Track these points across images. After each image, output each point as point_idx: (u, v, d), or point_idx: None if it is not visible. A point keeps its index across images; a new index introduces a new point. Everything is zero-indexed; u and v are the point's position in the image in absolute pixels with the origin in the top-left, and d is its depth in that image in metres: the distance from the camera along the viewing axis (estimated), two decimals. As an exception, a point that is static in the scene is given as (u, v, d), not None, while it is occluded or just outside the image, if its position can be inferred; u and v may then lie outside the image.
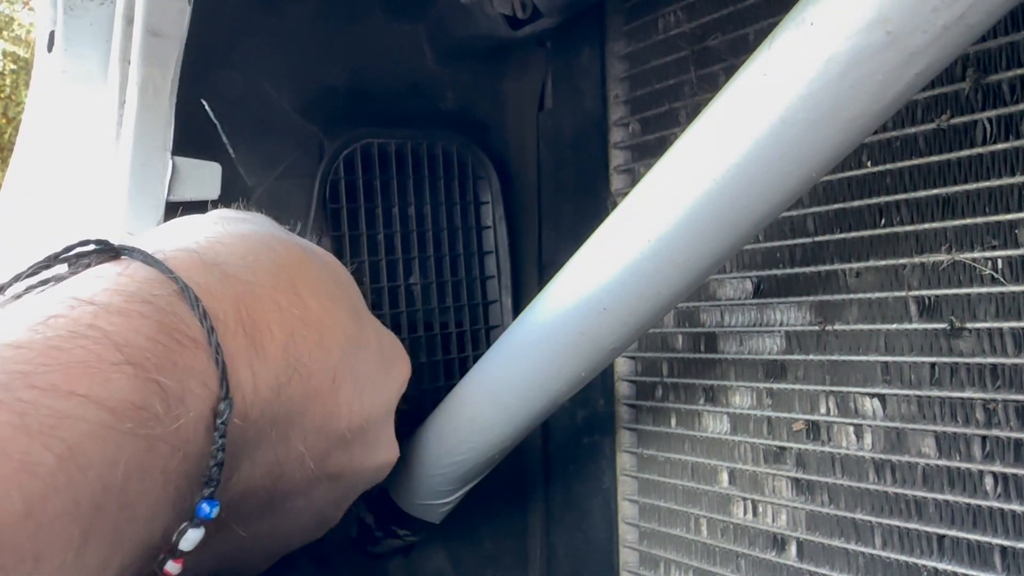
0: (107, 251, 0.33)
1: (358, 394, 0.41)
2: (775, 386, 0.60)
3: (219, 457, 0.31)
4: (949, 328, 0.50)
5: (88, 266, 0.33)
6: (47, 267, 0.33)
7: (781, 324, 0.60)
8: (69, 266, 0.33)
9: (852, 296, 0.55)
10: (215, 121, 0.62)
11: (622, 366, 0.73)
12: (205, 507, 0.31)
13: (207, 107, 0.61)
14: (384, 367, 0.45)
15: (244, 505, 0.37)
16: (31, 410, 0.25)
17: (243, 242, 0.38)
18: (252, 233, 0.39)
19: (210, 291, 0.33)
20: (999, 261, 0.48)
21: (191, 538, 0.31)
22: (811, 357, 0.57)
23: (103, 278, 0.32)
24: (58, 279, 0.32)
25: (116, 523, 0.27)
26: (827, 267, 0.56)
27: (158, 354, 0.30)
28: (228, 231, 0.39)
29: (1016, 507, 0.46)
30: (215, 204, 0.58)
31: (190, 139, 0.57)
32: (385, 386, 0.45)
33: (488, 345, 0.70)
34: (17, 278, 0.33)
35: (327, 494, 0.43)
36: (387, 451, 0.46)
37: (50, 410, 0.26)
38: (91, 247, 0.33)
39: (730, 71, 0.43)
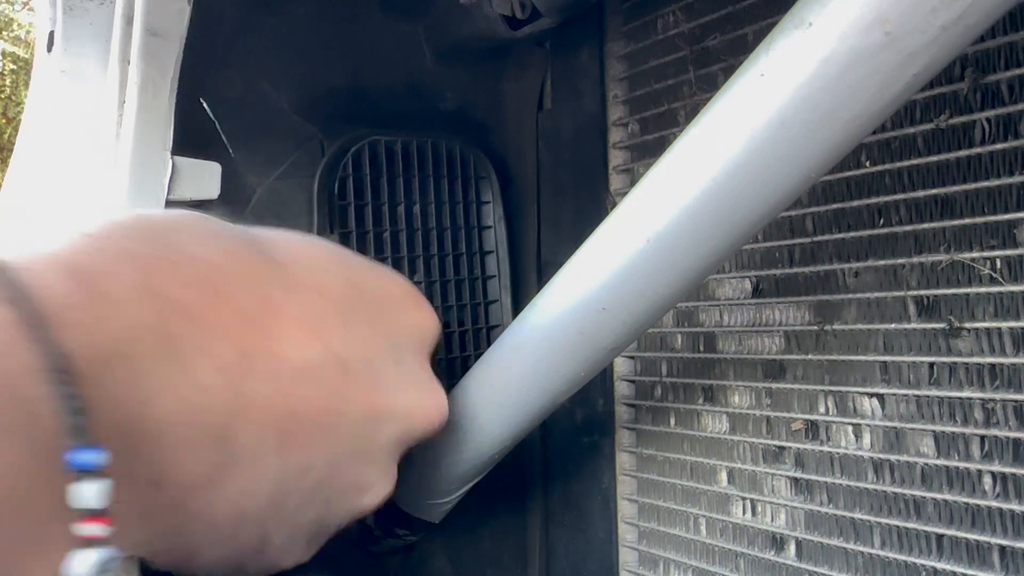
0: None
1: (315, 328, 0.37)
2: (774, 386, 0.60)
3: (75, 404, 0.28)
4: (948, 328, 0.50)
5: None
6: None
7: (780, 324, 0.60)
8: None
9: (851, 296, 0.55)
10: (214, 120, 0.62)
11: (621, 366, 0.73)
12: (81, 456, 0.27)
13: (205, 107, 0.61)
14: (376, 305, 0.42)
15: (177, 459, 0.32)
16: None
17: (118, 222, 0.36)
18: (146, 215, 0.38)
19: (32, 256, 0.31)
20: (998, 261, 0.48)
21: (89, 492, 0.27)
22: (810, 357, 0.57)
23: None
24: None
25: None
26: (826, 267, 0.57)
27: None
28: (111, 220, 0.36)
29: (1015, 507, 0.46)
30: (215, 204, 0.59)
31: (190, 139, 0.57)
32: (377, 324, 0.41)
33: (488, 344, 0.70)
34: None
35: (322, 451, 0.37)
36: (429, 395, 0.42)
37: None
38: None
39: (729, 71, 0.43)
